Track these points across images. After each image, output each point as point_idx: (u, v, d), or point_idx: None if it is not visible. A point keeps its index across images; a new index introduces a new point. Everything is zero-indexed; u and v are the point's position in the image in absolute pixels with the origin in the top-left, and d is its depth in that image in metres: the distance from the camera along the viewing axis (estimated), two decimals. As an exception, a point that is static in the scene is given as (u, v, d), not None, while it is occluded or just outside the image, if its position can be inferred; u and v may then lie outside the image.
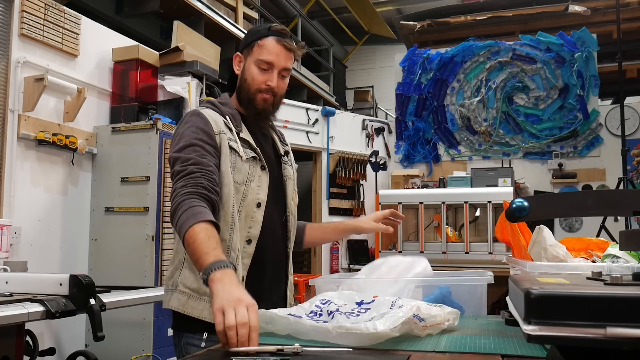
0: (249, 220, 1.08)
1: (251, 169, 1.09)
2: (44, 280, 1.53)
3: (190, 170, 0.99)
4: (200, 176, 0.99)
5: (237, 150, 1.07)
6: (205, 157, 1.02)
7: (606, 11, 4.46)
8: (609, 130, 4.18)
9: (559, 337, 0.47)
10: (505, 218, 0.89)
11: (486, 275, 1.13)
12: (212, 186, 0.99)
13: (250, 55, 1.12)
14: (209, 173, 1.01)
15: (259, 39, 1.11)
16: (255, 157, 1.11)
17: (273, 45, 1.10)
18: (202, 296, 1.05)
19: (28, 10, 2.30)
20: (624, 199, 0.63)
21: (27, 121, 2.28)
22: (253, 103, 1.12)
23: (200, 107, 1.13)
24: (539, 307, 0.48)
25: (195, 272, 1.04)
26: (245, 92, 1.13)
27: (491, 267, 2.75)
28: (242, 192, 1.07)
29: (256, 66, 1.10)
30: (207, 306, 1.03)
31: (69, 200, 2.47)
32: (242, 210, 1.07)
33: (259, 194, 1.09)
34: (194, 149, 1.02)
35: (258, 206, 1.09)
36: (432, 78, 4.59)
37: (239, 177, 1.07)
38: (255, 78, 1.11)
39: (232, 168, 1.07)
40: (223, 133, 1.07)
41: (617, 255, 0.97)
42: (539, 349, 0.73)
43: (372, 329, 0.75)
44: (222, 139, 1.07)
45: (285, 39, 1.11)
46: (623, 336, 0.45)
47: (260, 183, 1.10)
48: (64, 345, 2.38)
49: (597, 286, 0.54)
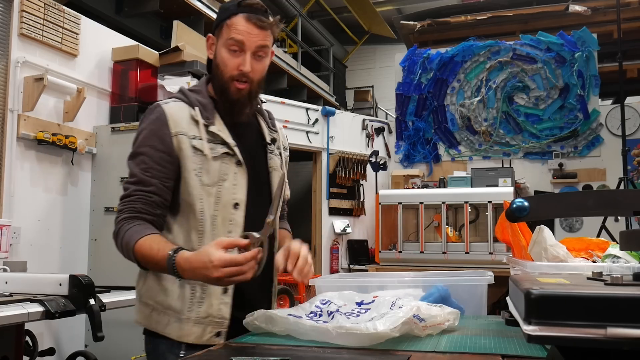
0: (227, 223, 0.96)
1: (223, 166, 0.98)
2: (43, 280, 1.53)
3: (128, 193, 0.96)
4: (136, 200, 0.94)
5: (201, 149, 0.96)
6: (149, 171, 0.95)
7: (606, 11, 4.46)
8: (609, 130, 4.17)
9: (560, 338, 0.47)
10: (505, 218, 0.89)
11: (486, 275, 1.13)
12: (147, 209, 0.94)
13: (220, 36, 0.99)
14: (147, 196, 0.94)
15: (227, 17, 0.98)
16: (228, 152, 0.98)
17: (242, 23, 0.96)
18: (165, 310, 0.96)
19: (28, 10, 2.30)
20: (624, 199, 0.63)
21: (27, 121, 2.28)
22: (226, 93, 0.99)
23: (165, 101, 1.01)
24: (539, 307, 0.48)
25: (159, 283, 0.97)
26: (218, 79, 1.00)
27: (491, 267, 2.74)
28: (214, 195, 0.96)
29: (226, 48, 0.97)
30: (171, 321, 0.95)
31: (69, 200, 2.47)
32: (218, 214, 0.96)
33: (236, 193, 0.97)
34: (142, 159, 0.96)
35: (236, 207, 0.97)
36: (432, 78, 4.58)
37: (207, 178, 0.96)
38: (226, 63, 0.98)
39: (199, 170, 0.96)
40: (182, 134, 0.96)
41: (618, 255, 0.97)
42: (539, 349, 0.73)
43: (372, 329, 0.75)
44: (180, 141, 0.96)
45: (257, 15, 0.97)
46: (623, 336, 0.45)
47: (237, 181, 0.98)
48: (64, 345, 2.37)
49: (597, 286, 0.54)
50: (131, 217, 0.94)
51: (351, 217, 4.26)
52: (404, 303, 0.86)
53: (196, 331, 0.94)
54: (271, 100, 3.88)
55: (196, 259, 0.84)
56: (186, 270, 0.86)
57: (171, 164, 0.96)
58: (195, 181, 0.96)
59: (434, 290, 1.06)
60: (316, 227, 4.13)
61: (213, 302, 0.95)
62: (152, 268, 0.93)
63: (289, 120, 3.99)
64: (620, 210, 0.64)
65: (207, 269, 0.82)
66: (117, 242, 0.95)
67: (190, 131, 0.97)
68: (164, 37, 3.56)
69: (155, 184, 0.95)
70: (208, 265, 0.81)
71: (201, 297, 0.95)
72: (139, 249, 0.90)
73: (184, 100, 1.01)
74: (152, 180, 0.95)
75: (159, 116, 0.98)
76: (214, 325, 0.94)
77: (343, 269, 4.08)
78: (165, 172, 0.96)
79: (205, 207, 0.96)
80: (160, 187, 0.96)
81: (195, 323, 0.94)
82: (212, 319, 0.94)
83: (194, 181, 0.96)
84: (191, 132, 0.97)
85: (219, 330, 0.94)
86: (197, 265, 0.83)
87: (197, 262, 0.83)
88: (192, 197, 0.96)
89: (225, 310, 0.95)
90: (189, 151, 0.96)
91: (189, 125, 0.98)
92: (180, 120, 0.98)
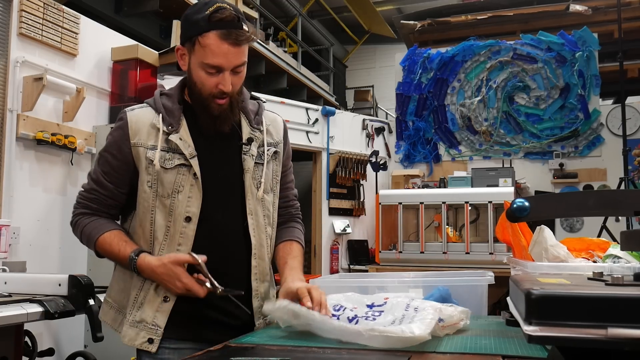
0: (178, 236, 0.95)
1: (179, 177, 0.95)
2: (42, 280, 1.53)
3: (89, 188, 1.02)
4: (92, 200, 1.01)
5: (155, 162, 0.95)
6: (108, 176, 0.99)
7: (607, 10, 4.45)
8: (610, 130, 4.16)
9: (560, 338, 0.47)
10: (505, 218, 0.88)
11: (487, 275, 1.13)
12: (101, 209, 1.01)
13: (194, 54, 0.93)
14: (102, 198, 1.01)
15: (199, 34, 0.91)
16: (184, 164, 0.95)
17: (217, 44, 0.90)
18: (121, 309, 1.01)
19: (27, 10, 2.29)
20: (625, 199, 0.63)
21: (26, 121, 2.27)
22: (208, 109, 0.96)
23: (132, 107, 1.01)
24: (539, 308, 0.48)
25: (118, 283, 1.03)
26: (196, 96, 0.97)
27: (492, 267, 2.73)
28: (168, 206, 0.95)
29: (202, 70, 0.93)
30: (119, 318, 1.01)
31: (68, 200, 2.46)
32: (171, 226, 0.96)
33: (189, 206, 0.95)
34: (103, 162, 1.00)
35: (187, 220, 0.95)
36: (433, 78, 4.57)
37: (162, 190, 0.95)
38: (204, 82, 0.94)
39: (154, 181, 0.96)
40: (139, 145, 0.96)
41: (618, 255, 0.97)
42: (539, 349, 0.73)
43: (408, 332, 0.75)
44: (138, 152, 0.96)
45: (232, 32, 0.89)
46: (624, 337, 0.45)
47: (192, 193, 0.95)
48: (63, 346, 2.37)
49: (598, 287, 0.54)
50: (87, 214, 1.02)
51: (351, 217, 4.25)
52: (418, 304, 0.85)
53: (130, 333, 0.96)
54: (271, 100, 3.87)
55: (162, 270, 0.93)
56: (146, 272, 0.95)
57: (127, 172, 0.99)
58: (148, 193, 0.97)
59: (435, 291, 1.06)
60: (316, 227, 4.12)
61: (149, 310, 0.96)
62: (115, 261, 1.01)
63: (288, 120, 3.92)
64: (621, 211, 0.64)
65: (172, 282, 0.93)
66: (75, 231, 1.03)
67: (149, 141, 0.97)
68: (163, 37, 3.55)
69: (111, 189, 1.00)
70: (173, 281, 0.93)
71: (141, 303, 0.97)
72: (101, 244, 0.98)
73: (152, 106, 1.00)
74: (109, 185, 1.00)
75: (122, 125, 0.99)
76: (147, 331, 0.96)
77: (343, 269, 4.08)
78: (121, 179, 0.99)
79: (158, 218, 0.97)
80: (115, 192, 1.01)
81: (131, 325, 0.97)
82: (145, 325, 0.96)
83: (146, 193, 0.97)
84: (149, 141, 0.97)
85: (150, 337, 0.95)
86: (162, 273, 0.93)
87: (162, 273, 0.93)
88: (144, 208, 0.98)
89: (160, 318, 0.96)
90: (144, 163, 0.96)
91: (147, 135, 0.97)
92: (140, 129, 0.97)
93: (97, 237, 0.98)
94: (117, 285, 1.03)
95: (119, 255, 0.97)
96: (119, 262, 1.00)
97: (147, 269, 0.94)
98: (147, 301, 0.97)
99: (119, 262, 1.00)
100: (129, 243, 0.97)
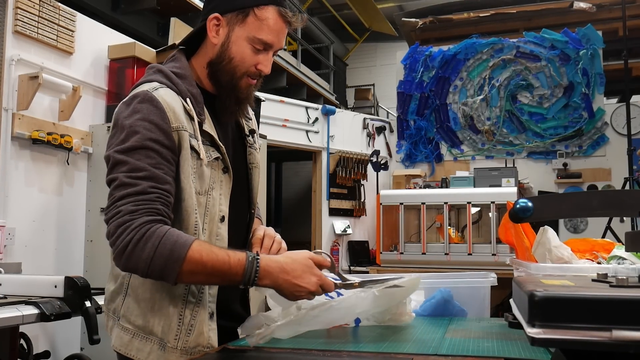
0: (214, 238, 0.85)
1: (213, 173, 0.85)
2: (38, 282, 1.53)
3: (142, 189, 0.76)
4: (155, 199, 0.76)
5: (198, 151, 0.82)
6: (161, 168, 0.78)
7: (612, 8, 4.41)
8: (614, 129, 4.13)
9: (564, 340, 0.46)
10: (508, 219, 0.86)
11: (489, 277, 1.12)
12: (168, 212, 0.78)
13: (241, 26, 0.84)
14: (165, 195, 0.78)
15: (256, 5, 0.84)
16: (219, 157, 0.86)
17: (275, 21, 0.85)
18: (148, 335, 0.82)
19: (22, 7, 2.27)
20: (630, 199, 0.62)
21: (22, 120, 2.25)
22: (236, 89, 0.87)
23: (151, 85, 0.83)
24: (543, 310, 0.47)
25: (139, 304, 0.83)
26: (228, 74, 0.86)
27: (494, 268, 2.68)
28: (204, 205, 0.84)
29: (250, 44, 0.85)
30: (155, 349, 0.81)
31: (64, 201, 2.44)
32: (206, 228, 0.84)
33: (222, 204, 0.86)
34: (147, 153, 0.77)
35: (222, 220, 0.86)
36: (434, 76, 4.54)
37: (200, 186, 0.83)
38: (246, 59, 0.85)
39: (194, 175, 0.82)
40: (183, 129, 0.81)
41: (623, 256, 0.95)
42: (543, 352, 0.73)
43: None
44: (181, 137, 0.81)
45: (287, 11, 0.87)
46: (629, 339, 0.44)
47: (222, 190, 0.86)
48: (59, 348, 2.35)
49: (602, 288, 0.53)
50: (157, 221, 0.76)
51: (352, 218, 4.22)
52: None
53: None
54: (270, 99, 3.84)
55: (294, 266, 0.78)
56: (272, 275, 0.77)
57: (174, 165, 0.81)
58: (191, 189, 0.82)
59: (437, 293, 1.05)
60: (316, 227, 4.09)
61: (203, 330, 0.83)
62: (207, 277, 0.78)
63: (288, 119, 3.95)
64: (626, 211, 0.63)
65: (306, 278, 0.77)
66: (144, 250, 0.74)
67: (189, 127, 0.83)
68: (161, 35, 3.52)
69: (170, 183, 0.79)
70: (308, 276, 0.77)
71: (190, 324, 0.82)
72: (197, 256, 0.74)
73: (171, 88, 0.84)
74: (167, 177, 0.78)
75: (157, 105, 0.80)
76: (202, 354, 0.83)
77: (343, 271, 4.03)
78: (173, 172, 0.81)
79: (199, 220, 0.83)
80: (173, 187, 0.80)
81: (182, 353, 0.81)
82: (200, 349, 0.82)
83: (190, 188, 0.82)
84: (189, 128, 0.83)
85: None
86: (294, 268, 0.77)
87: (294, 269, 0.77)
88: (188, 207, 0.82)
89: (214, 338, 0.84)
90: (188, 152, 0.81)
91: (185, 120, 0.82)
92: (178, 113, 0.82)
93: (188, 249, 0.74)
94: (139, 308, 0.83)
95: (230, 264, 0.76)
96: (227, 276, 0.77)
97: (275, 266, 0.76)
98: (197, 321, 0.82)
99: (227, 276, 0.77)
100: (235, 251, 0.78)
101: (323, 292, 0.79)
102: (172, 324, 0.82)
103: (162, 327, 0.82)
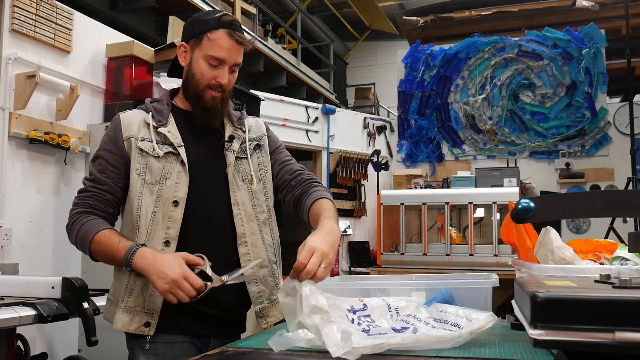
0: (167, 220, 1.03)
1: (167, 165, 1.05)
2: (35, 283, 1.52)
3: (85, 189, 1.06)
4: (91, 196, 1.05)
5: (146, 150, 1.05)
6: (104, 172, 1.05)
7: (614, 6, 4.38)
8: (617, 128, 4.10)
9: (566, 342, 0.46)
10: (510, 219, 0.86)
11: (491, 278, 1.10)
12: (100, 206, 1.05)
13: (198, 48, 1.06)
14: (101, 193, 1.05)
15: (208, 30, 1.05)
16: (172, 152, 1.06)
17: (225, 40, 1.04)
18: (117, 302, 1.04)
19: (19, 5, 2.26)
20: (633, 200, 0.62)
21: (19, 119, 2.23)
22: (201, 100, 1.07)
23: (125, 111, 1.12)
24: (545, 311, 0.47)
25: (113, 277, 1.08)
26: (193, 87, 1.08)
27: (496, 269, 2.66)
28: (156, 192, 1.04)
29: (205, 61, 1.05)
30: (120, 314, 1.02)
31: (62, 201, 2.43)
32: (158, 211, 1.03)
33: (177, 191, 1.04)
34: (99, 162, 1.06)
35: (175, 205, 1.03)
36: (436, 75, 4.51)
37: (150, 177, 1.05)
38: (204, 74, 1.06)
39: (143, 170, 1.05)
40: (132, 137, 1.06)
41: (626, 257, 0.95)
42: (545, 354, 0.72)
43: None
44: (130, 144, 1.06)
45: (237, 32, 1.06)
46: (632, 341, 0.44)
47: (179, 180, 1.05)
48: (57, 350, 2.34)
49: (605, 289, 0.53)
50: (85, 212, 1.04)
51: (352, 218, 4.20)
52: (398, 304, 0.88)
53: (124, 319, 1.01)
54: (270, 98, 3.81)
55: (165, 256, 0.96)
56: (145, 260, 0.96)
57: (123, 166, 1.06)
58: (136, 180, 1.05)
59: (438, 294, 1.04)
60: (317, 227, 4.06)
61: (143, 295, 1.01)
62: (105, 257, 1.02)
63: (288, 119, 3.93)
64: (629, 211, 0.64)
65: (170, 268, 0.93)
66: (71, 233, 1.05)
67: (140, 134, 1.07)
68: (159, 33, 3.51)
69: (109, 184, 1.05)
70: (172, 267, 0.93)
71: (132, 289, 1.02)
72: (98, 239, 1.00)
73: (142, 109, 1.12)
74: (107, 180, 1.05)
75: (116, 123, 1.09)
76: (143, 316, 1.01)
77: (344, 272, 4.03)
78: (118, 173, 1.06)
79: (143, 204, 1.04)
80: (113, 186, 1.06)
81: (124, 312, 1.02)
82: (140, 309, 1.01)
83: (134, 180, 1.05)
84: (140, 134, 1.07)
85: (147, 320, 1.01)
86: (163, 258, 0.95)
87: (164, 258, 0.95)
88: (132, 194, 1.05)
89: (157, 303, 1.01)
90: (135, 152, 1.05)
91: (139, 129, 1.08)
92: (132, 124, 1.08)
93: (94, 234, 1.01)
94: (114, 281, 1.08)
95: (117, 247, 0.98)
96: (115, 257, 1.00)
97: (149, 255, 0.96)
98: (139, 287, 1.01)
99: (115, 257, 1.00)
100: (129, 240, 1.01)
101: (189, 284, 0.93)
102: (122, 287, 1.04)
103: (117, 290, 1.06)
